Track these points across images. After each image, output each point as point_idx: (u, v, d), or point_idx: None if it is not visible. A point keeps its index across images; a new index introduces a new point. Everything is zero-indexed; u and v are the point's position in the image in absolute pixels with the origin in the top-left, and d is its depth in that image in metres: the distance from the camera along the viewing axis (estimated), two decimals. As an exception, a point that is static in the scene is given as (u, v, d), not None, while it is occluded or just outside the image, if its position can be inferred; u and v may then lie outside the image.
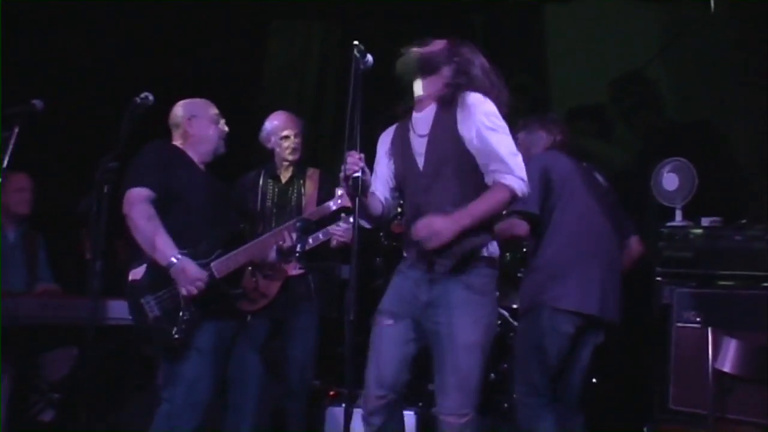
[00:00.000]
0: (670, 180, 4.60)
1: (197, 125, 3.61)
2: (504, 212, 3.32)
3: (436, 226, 2.83)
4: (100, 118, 4.66)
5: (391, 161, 3.15)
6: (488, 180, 2.93)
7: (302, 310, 4.06)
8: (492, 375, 4.87)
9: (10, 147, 3.57)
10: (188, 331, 3.34)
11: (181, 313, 3.34)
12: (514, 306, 5.03)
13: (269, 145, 4.18)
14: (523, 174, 2.91)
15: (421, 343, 3.01)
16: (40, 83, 5.22)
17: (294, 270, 3.99)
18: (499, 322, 5.00)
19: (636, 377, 4.72)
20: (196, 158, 3.61)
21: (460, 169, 2.96)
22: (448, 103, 2.99)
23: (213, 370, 3.41)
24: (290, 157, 4.13)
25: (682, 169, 4.60)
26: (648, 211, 4.99)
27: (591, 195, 3.71)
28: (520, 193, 2.90)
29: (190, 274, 3.31)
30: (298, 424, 4.05)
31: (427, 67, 3.04)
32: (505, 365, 4.88)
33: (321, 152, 6.43)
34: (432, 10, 6.07)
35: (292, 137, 4.13)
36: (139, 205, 3.36)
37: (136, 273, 3.41)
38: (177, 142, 3.64)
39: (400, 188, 3.17)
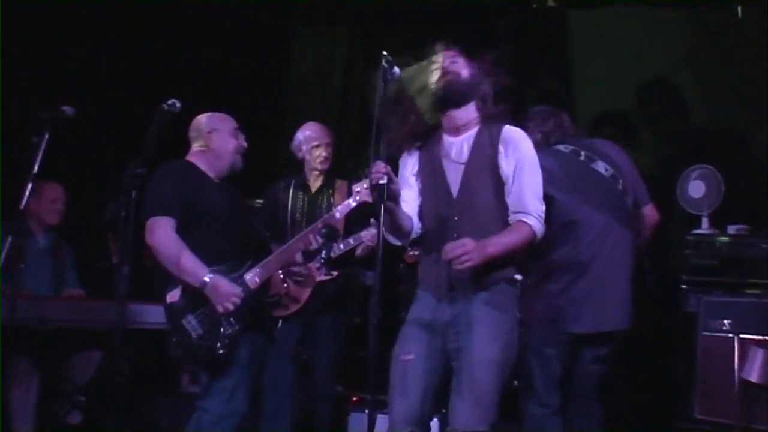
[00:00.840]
0: (696, 187, 4.57)
1: (217, 139, 3.63)
2: None
3: (469, 247, 2.83)
4: (127, 123, 4.70)
5: (418, 183, 3.11)
6: (511, 218, 2.96)
7: (332, 315, 4.11)
8: (515, 382, 4.84)
9: (40, 152, 3.63)
10: (231, 345, 3.38)
11: (222, 329, 3.38)
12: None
13: (300, 154, 4.26)
14: (542, 218, 2.97)
15: (444, 371, 2.98)
16: (68, 89, 5.28)
17: (323, 275, 4.02)
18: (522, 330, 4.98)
19: (661, 386, 4.68)
20: (212, 172, 3.62)
21: (494, 199, 2.97)
22: (489, 135, 3.00)
23: (249, 380, 3.47)
24: (320, 167, 4.23)
25: (708, 176, 4.56)
26: (674, 218, 4.94)
27: (586, 194, 3.48)
28: (539, 235, 2.96)
29: (223, 290, 3.35)
30: (325, 426, 4.09)
31: (458, 99, 3.02)
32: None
33: (344, 158, 6.45)
34: (456, 15, 6.07)
35: (323, 146, 4.21)
36: (161, 233, 3.39)
37: (173, 295, 3.44)
38: (194, 154, 3.66)
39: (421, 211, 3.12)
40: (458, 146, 3.04)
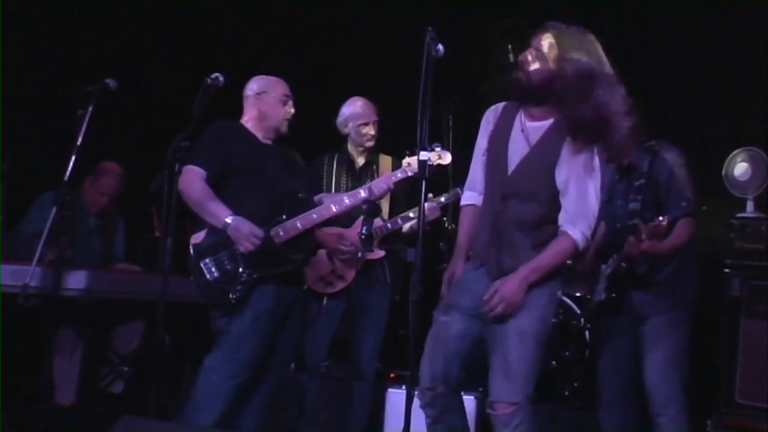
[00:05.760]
0: (741, 169, 4.49)
1: (265, 102, 3.70)
2: None
3: (506, 295, 2.82)
4: (173, 97, 4.74)
5: (488, 143, 3.08)
6: (560, 225, 2.89)
7: (377, 294, 4.11)
8: (553, 362, 4.85)
9: (85, 125, 3.67)
10: (244, 291, 3.44)
11: (239, 275, 3.45)
12: (578, 294, 5.00)
13: (345, 130, 4.22)
14: (588, 230, 2.88)
15: (478, 339, 2.95)
16: (113, 62, 5.33)
17: (366, 252, 4.00)
18: (561, 310, 4.97)
19: (702, 369, 4.64)
20: (259, 133, 3.70)
21: (542, 194, 2.90)
22: (560, 133, 2.90)
23: (263, 331, 3.48)
24: (368, 144, 4.20)
25: (754, 158, 4.48)
26: (718, 201, 4.86)
27: None
28: (581, 248, 2.89)
29: (244, 230, 3.42)
30: (364, 403, 4.10)
31: (522, 98, 2.97)
32: (567, 353, 4.85)
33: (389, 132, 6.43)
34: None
35: (371, 124, 4.17)
36: (190, 179, 3.49)
37: (197, 237, 3.54)
38: (246, 115, 3.74)
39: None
40: (531, 129, 2.96)
